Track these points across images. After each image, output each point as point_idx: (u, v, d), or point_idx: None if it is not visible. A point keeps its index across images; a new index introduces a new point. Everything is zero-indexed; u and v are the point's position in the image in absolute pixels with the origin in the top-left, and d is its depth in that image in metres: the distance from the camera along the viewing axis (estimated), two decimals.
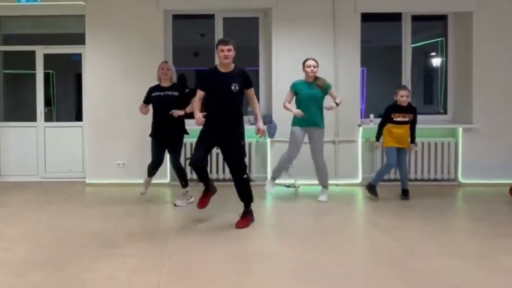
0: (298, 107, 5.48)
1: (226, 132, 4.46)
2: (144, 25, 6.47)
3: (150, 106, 5.45)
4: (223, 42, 4.44)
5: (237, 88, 4.42)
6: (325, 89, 5.51)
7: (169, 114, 5.20)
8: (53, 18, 6.93)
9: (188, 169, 5.56)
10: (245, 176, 4.57)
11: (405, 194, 5.66)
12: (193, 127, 5.28)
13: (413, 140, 5.68)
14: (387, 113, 5.60)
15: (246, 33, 6.99)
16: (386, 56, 7.45)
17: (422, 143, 6.43)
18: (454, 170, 6.52)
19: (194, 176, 5.90)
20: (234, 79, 4.43)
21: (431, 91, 7.29)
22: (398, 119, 5.50)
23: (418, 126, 6.20)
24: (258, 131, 4.61)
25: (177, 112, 5.21)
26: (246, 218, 4.60)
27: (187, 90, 5.47)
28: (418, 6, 6.52)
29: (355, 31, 6.45)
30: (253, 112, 4.72)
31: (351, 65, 6.47)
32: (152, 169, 5.48)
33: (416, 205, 5.34)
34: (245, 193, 4.60)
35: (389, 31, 7.07)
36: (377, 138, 5.70)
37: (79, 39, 6.64)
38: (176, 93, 5.32)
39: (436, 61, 7.20)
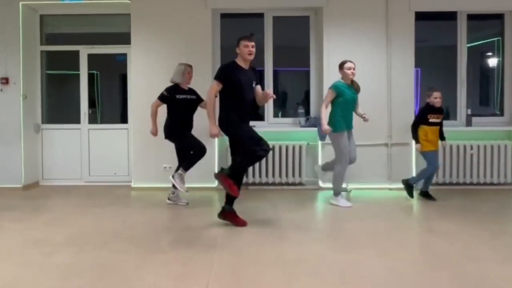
0: (340, 110, 5.34)
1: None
2: (191, 24, 6.37)
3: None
4: (247, 37, 4.41)
5: (254, 84, 4.60)
6: (358, 92, 5.50)
7: (191, 116, 5.50)
8: (97, 17, 6.91)
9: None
10: None
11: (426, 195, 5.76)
12: None
13: (443, 137, 5.73)
14: (424, 114, 5.60)
15: (296, 32, 6.90)
16: (441, 56, 7.34)
17: (478, 146, 6.34)
18: (510, 173, 6.36)
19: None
20: (253, 76, 4.58)
21: (487, 92, 7.20)
22: (433, 120, 5.56)
23: (473, 128, 6.43)
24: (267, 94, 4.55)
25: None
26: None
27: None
28: (474, 5, 6.41)
29: (409, 30, 6.33)
30: (263, 100, 4.69)
31: (405, 66, 6.36)
32: (198, 158, 5.36)
33: (472, 210, 5.25)
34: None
35: (444, 30, 6.93)
36: (417, 140, 5.62)
37: (125, 38, 6.60)
38: (194, 97, 5.54)
39: (492, 61, 7.06)
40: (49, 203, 5.75)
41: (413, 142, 5.74)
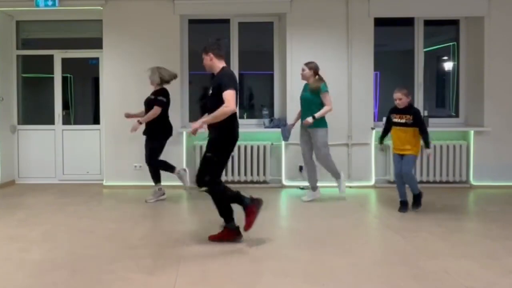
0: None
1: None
2: (160, 29, 6.54)
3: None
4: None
5: (210, 92, 4.08)
6: (316, 92, 5.45)
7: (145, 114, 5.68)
8: (71, 22, 7.02)
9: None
10: (202, 189, 4.04)
11: (414, 200, 5.26)
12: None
13: (426, 145, 5.24)
14: (388, 114, 5.44)
15: (261, 37, 7.03)
16: (399, 60, 7.47)
17: (435, 146, 6.47)
18: (465, 172, 6.57)
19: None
20: (212, 83, 4.11)
21: (443, 95, 7.31)
22: (395, 119, 5.28)
23: (429, 129, 5.86)
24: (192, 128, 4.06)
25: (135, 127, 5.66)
26: (221, 233, 4.14)
27: (160, 98, 5.63)
28: (430, 11, 6.57)
29: (369, 35, 6.52)
30: None
31: (364, 69, 6.53)
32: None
33: (429, 207, 5.32)
34: (217, 207, 4.13)
35: (402, 35, 7.12)
36: (379, 140, 5.54)
37: (97, 43, 6.73)
38: (152, 97, 5.64)
39: (448, 65, 7.21)
40: (25, 200, 5.86)
41: (373, 142, 5.88)
